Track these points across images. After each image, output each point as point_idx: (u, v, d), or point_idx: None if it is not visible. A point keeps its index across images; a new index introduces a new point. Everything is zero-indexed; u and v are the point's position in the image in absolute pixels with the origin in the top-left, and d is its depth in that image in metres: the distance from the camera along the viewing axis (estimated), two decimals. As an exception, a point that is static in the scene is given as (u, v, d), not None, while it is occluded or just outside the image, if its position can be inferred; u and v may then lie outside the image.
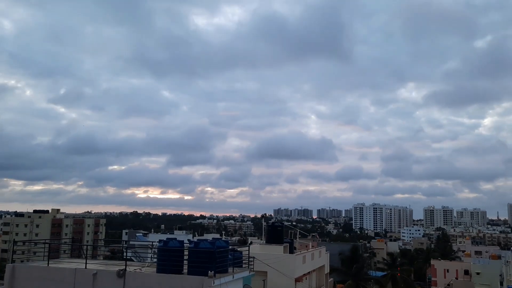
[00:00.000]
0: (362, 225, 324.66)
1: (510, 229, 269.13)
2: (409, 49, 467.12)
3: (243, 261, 19.65)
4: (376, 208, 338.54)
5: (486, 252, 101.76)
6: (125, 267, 16.73)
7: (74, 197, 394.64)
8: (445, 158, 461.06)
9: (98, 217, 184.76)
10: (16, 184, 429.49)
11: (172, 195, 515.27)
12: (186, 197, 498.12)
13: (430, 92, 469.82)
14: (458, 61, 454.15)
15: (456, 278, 67.84)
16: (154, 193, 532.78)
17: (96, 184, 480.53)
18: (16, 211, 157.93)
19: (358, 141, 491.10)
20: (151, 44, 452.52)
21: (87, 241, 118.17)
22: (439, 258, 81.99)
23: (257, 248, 32.06)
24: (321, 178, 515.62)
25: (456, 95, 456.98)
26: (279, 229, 34.81)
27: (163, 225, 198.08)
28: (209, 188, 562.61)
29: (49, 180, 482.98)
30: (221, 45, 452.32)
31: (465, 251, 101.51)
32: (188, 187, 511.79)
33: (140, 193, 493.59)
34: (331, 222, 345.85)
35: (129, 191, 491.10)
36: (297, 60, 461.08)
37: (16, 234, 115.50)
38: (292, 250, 34.46)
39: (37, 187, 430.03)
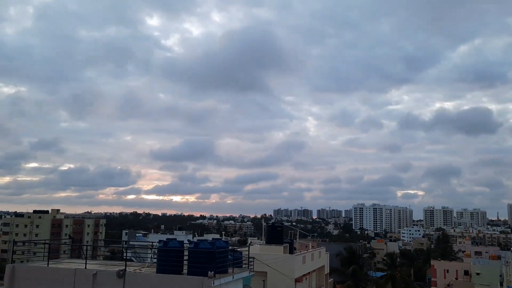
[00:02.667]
0: (362, 225, 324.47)
1: (510, 229, 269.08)
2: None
3: (243, 262, 19.63)
4: (376, 208, 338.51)
5: (486, 252, 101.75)
6: (125, 267, 16.70)
7: (74, 197, 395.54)
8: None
9: (98, 217, 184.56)
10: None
11: (173, 196, 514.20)
12: (186, 198, 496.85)
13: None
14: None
15: (456, 279, 67.79)
16: (155, 194, 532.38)
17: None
18: (15, 211, 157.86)
19: (355, 142, 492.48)
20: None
21: (87, 242, 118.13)
22: (439, 259, 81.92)
23: (257, 248, 32.08)
24: (321, 178, 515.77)
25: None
26: (279, 229, 34.85)
27: (163, 226, 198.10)
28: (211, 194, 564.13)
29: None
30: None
31: (465, 251, 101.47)
32: (190, 187, 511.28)
33: (141, 193, 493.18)
34: (331, 223, 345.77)
35: (130, 192, 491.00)
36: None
37: (16, 234, 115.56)
38: (292, 250, 34.48)
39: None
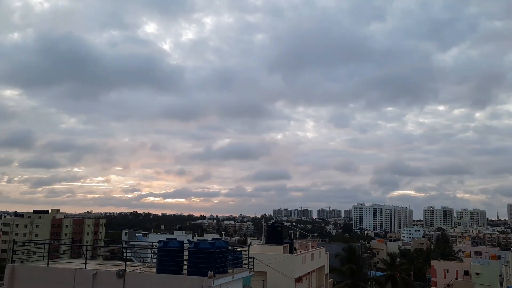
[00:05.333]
0: (362, 225, 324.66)
1: (510, 229, 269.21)
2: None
3: (243, 262, 19.64)
4: (375, 208, 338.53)
5: (486, 252, 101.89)
6: (125, 267, 16.72)
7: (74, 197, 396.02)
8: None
9: (97, 217, 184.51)
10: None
11: (173, 197, 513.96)
12: (186, 198, 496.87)
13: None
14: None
15: (456, 279, 67.85)
16: (155, 194, 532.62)
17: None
18: (15, 211, 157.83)
19: (352, 143, 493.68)
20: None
21: (87, 242, 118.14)
22: (439, 259, 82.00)
23: (257, 248, 32.08)
24: (321, 178, 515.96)
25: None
26: (279, 229, 34.84)
27: (162, 226, 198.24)
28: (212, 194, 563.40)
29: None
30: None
31: (465, 251, 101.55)
32: (189, 188, 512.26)
33: (141, 194, 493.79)
34: (331, 223, 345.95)
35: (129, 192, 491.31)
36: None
37: (16, 234, 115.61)
38: (292, 250, 34.49)
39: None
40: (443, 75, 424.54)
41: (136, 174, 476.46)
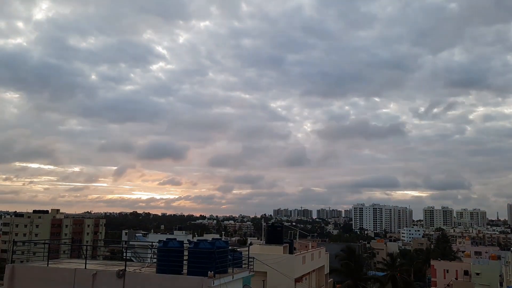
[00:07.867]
0: (362, 225, 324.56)
1: (509, 229, 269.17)
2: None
3: (243, 262, 19.63)
4: (375, 208, 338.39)
5: (486, 252, 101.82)
6: (125, 267, 16.72)
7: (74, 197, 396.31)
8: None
9: (97, 217, 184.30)
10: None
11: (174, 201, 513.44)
12: (185, 198, 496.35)
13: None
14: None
15: (456, 279, 67.88)
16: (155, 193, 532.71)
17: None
18: (15, 211, 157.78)
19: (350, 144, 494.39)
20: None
21: (87, 242, 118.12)
22: (439, 259, 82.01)
23: (257, 248, 32.09)
24: (320, 178, 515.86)
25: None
26: (279, 229, 34.85)
27: (162, 226, 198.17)
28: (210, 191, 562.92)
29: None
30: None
31: (464, 251, 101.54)
32: (187, 187, 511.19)
33: (141, 193, 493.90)
34: (331, 223, 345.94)
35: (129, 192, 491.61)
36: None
37: (16, 234, 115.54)
38: (292, 250, 34.49)
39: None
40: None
41: (137, 175, 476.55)
